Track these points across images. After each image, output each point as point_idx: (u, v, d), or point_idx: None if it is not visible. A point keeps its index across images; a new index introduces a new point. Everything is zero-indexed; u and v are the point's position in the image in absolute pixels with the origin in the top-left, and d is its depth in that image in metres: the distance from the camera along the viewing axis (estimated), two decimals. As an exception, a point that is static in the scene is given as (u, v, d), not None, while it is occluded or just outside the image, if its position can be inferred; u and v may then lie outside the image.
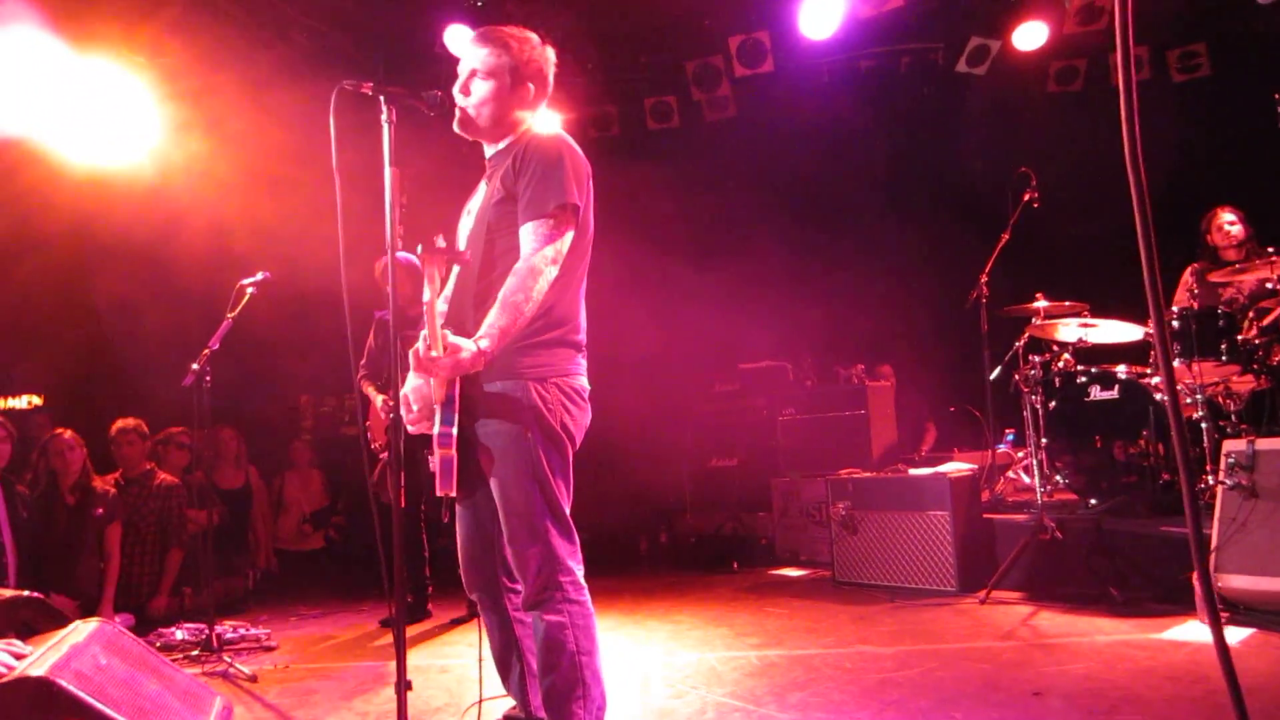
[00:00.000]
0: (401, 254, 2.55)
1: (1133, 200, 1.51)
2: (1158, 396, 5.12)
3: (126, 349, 6.93)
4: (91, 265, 6.61)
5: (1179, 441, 1.52)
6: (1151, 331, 5.24)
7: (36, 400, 6.87)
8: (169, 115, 6.33)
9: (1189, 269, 5.95)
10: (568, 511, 2.56)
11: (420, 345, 2.29)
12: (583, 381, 2.64)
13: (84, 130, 5.98)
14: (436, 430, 2.43)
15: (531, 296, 2.38)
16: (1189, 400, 5.03)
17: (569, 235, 2.50)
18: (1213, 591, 1.47)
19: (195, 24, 6.23)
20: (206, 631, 4.54)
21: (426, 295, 2.29)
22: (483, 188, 2.71)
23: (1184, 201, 6.12)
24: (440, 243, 2.34)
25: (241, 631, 4.90)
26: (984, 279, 6.22)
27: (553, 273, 2.44)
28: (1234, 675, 1.39)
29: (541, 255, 2.42)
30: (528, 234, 2.47)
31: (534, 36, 2.71)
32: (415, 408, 2.59)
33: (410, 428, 2.64)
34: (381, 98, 2.51)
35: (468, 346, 2.28)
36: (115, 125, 6.09)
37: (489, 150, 2.75)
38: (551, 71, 2.75)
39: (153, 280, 6.66)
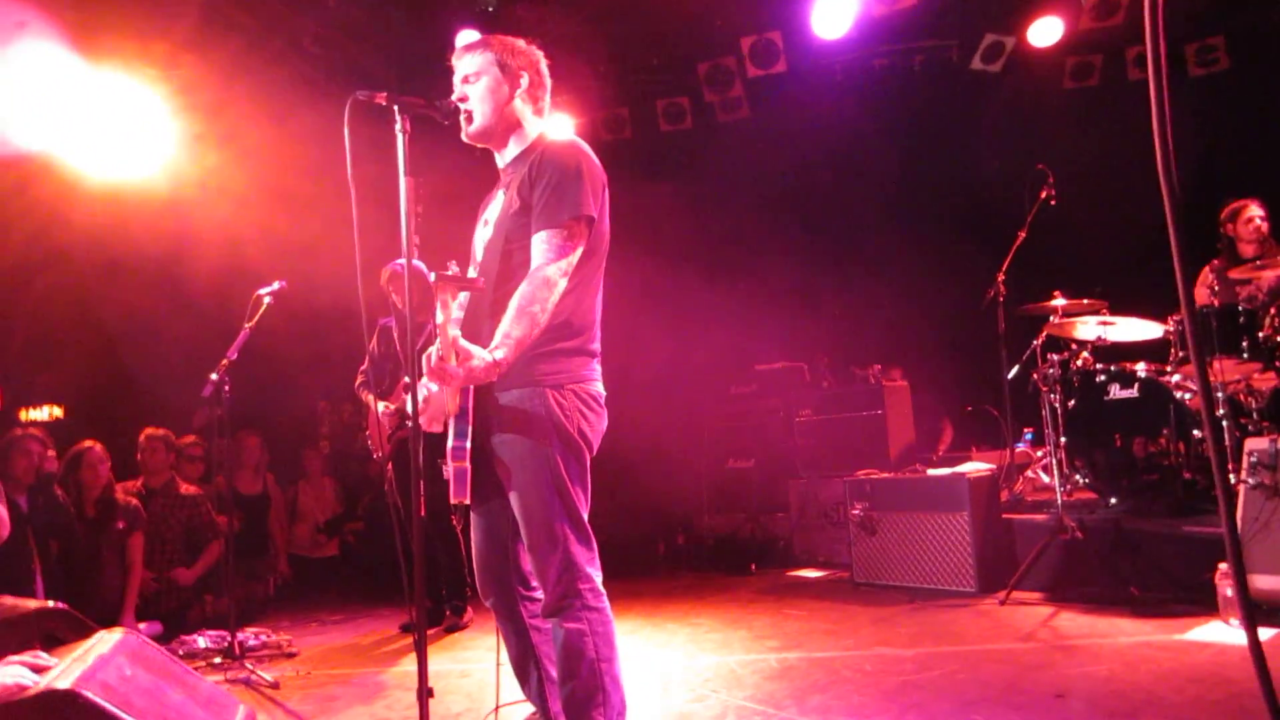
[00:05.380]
0: (415, 261, 2.57)
1: (1163, 196, 1.46)
2: (1178, 395, 5.07)
3: (143, 360, 6.99)
4: (108, 278, 6.66)
5: (1212, 439, 1.51)
6: (1171, 329, 5.19)
7: (58, 411, 6.93)
8: (183, 128, 6.38)
9: (1208, 266, 5.88)
10: (586, 519, 2.57)
11: (433, 352, 2.30)
12: (599, 388, 2.64)
13: (100, 144, 6.04)
14: (450, 444, 2.44)
15: (546, 308, 2.40)
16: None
17: (581, 247, 2.51)
18: (1248, 594, 1.44)
19: (209, 37, 6.29)
20: (228, 639, 4.57)
21: (439, 318, 2.28)
22: (499, 197, 2.71)
23: (1201, 198, 6.05)
24: (453, 268, 2.35)
25: (263, 638, 4.93)
26: (1001, 278, 6.17)
27: (564, 284, 2.45)
28: (1269, 679, 1.37)
29: (555, 267, 2.43)
30: (540, 244, 2.47)
31: (519, 40, 2.75)
32: (426, 412, 2.58)
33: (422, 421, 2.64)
34: (396, 108, 2.52)
35: (482, 356, 2.28)
36: (130, 139, 6.14)
37: (501, 159, 2.76)
38: (544, 66, 2.76)
39: (169, 292, 6.71)
